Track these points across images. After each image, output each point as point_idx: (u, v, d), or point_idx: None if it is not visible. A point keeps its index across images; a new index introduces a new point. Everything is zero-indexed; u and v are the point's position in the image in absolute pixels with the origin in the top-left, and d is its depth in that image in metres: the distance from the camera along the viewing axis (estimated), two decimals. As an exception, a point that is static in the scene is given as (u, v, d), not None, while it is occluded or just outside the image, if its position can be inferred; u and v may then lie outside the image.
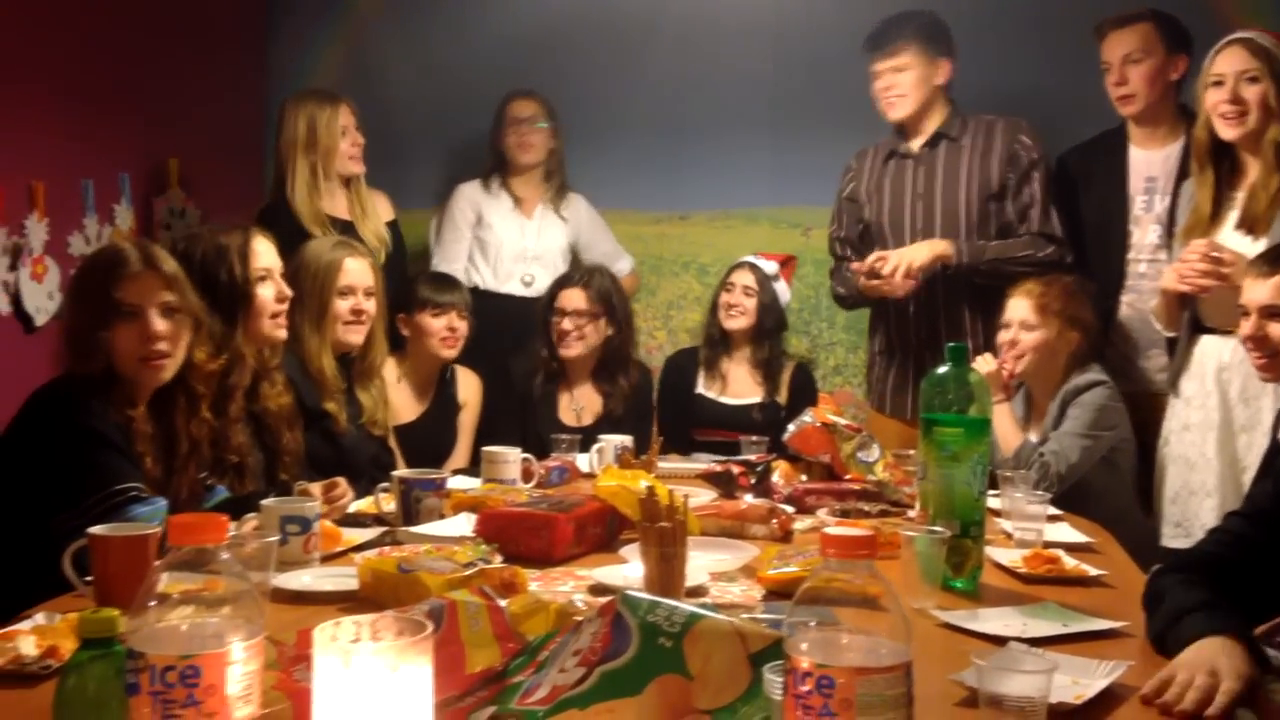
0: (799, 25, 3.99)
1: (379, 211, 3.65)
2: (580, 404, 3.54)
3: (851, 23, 3.52)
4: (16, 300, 3.13)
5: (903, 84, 3.28)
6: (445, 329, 3.35)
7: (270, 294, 2.57)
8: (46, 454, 1.96)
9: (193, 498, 2.18)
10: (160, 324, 2.08)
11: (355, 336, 2.97)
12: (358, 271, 2.96)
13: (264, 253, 2.58)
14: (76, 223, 3.36)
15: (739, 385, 3.59)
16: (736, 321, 3.55)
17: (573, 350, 3.47)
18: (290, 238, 3.05)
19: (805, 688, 0.93)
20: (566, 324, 3.46)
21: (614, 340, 3.52)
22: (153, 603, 0.98)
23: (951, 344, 1.88)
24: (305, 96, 3.58)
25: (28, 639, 1.38)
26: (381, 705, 0.89)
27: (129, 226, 3.56)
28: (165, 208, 3.75)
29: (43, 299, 3.20)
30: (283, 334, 2.63)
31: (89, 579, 1.61)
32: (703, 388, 3.61)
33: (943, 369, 1.85)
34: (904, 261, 3.17)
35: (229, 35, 4.11)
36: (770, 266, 3.62)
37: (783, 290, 3.65)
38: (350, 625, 0.93)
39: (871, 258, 3.22)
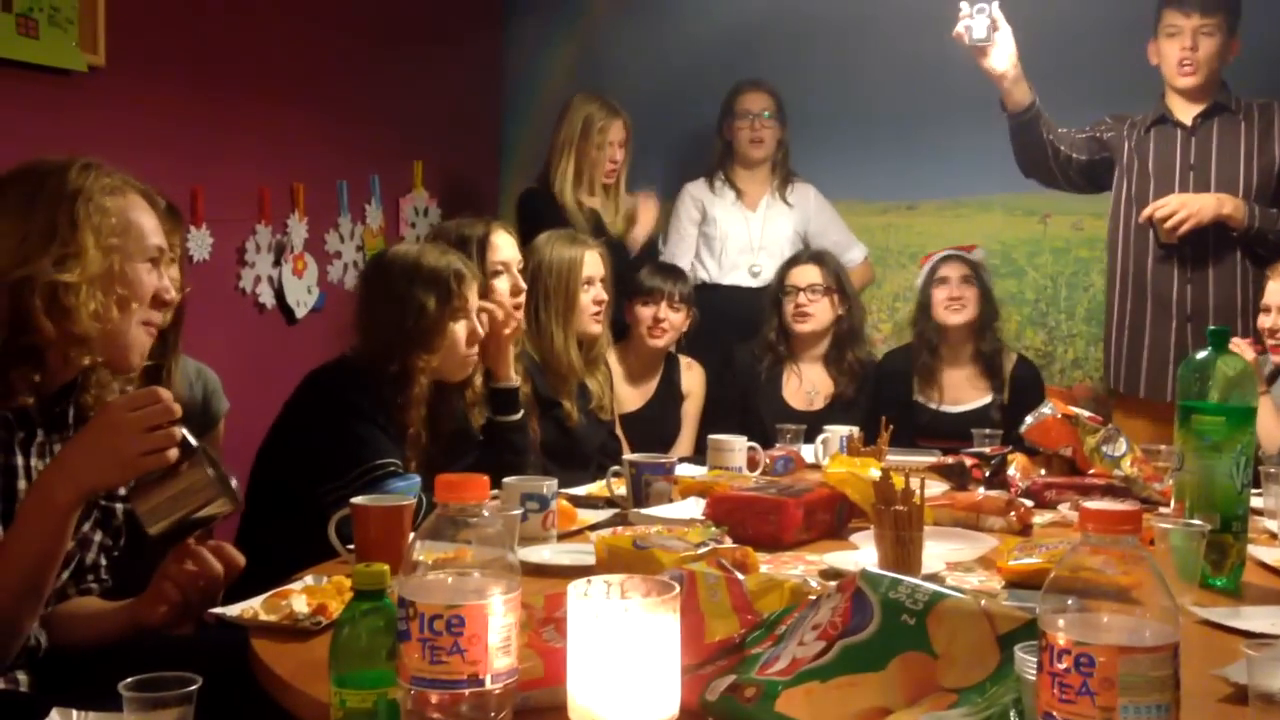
0: (1034, 7, 3.83)
1: (636, 215, 3.76)
2: (812, 388, 3.51)
3: (1093, 2, 3.36)
4: (280, 294, 3.38)
5: (1204, 49, 3.11)
6: (651, 318, 3.38)
7: (506, 287, 2.67)
8: (320, 428, 2.12)
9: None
10: (480, 327, 2.32)
11: (597, 326, 3.06)
12: (595, 262, 3.05)
13: (503, 246, 2.68)
14: (332, 222, 3.61)
15: (958, 390, 3.41)
16: (960, 315, 3.35)
17: (806, 325, 3.44)
18: (548, 221, 3.21)
19: (1063, 665, 0.89)
20: (801, 299, 3.44)
21: (844, 321, 3.48)
22: (419, 560, 1.04)
23: (1213, 328, 1.77)
24: (591, 99, 3.73)
25: (300, 598, 1.49)
26: (632, 658, 0.92)
27: (379, 225, 3.79)
28: (410, 207, 3.97)
29: (303, 293, 3.45)
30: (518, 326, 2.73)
31: (350, 546, 1.73)
32: (919, 395, 3.44)
33: (1202, 354, 1.74)
34: (1185, 212, 3.01)
35: (467, 42, 4.31)
36: (979, 253, 3.49)
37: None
38: (601, 583, 0.97)
39: (1154, 205, 3.07)
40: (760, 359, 3.53)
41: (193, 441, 1.50)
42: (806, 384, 3.51)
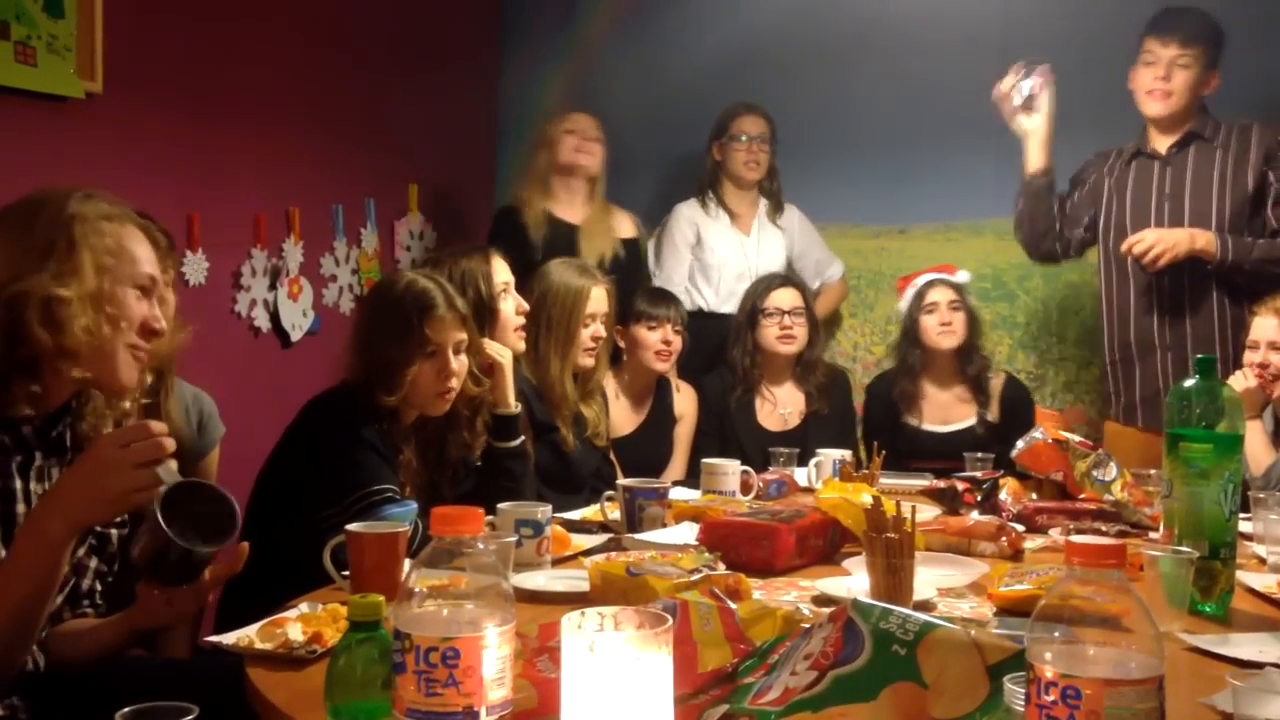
0: (1027, 33, 3.87)
1: (614, 227, 3.76)
2: (786, 407, 3.54)
3: (1082, 29, 3.40)
4: (275, 318, 3.39)
5: (1177, 81, 3.14)
6: (660, 342, 3.41)
7: (511, 308, 2.72)
8: (319, 454, 2.13)
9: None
10: (455, 364, 2.26)
11: (590, 360, 3.07)
12: (601, 299, 3.07)
13: (501, 269, 2.74)
14: (327, 245, 3.62)
15: (945, 410, 3.47)
16: (950, 340, 3.42)
17: (792, 346, 3.50)
18: (514, 234, 3.27)
19: (1050, 698, 0.91)
20: (787, 320, 3.49)
21: (814, 338, 3.57)
22: (415, 589, 1.05)
23: (1200, 356, 1.79)
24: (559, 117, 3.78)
25: (295, 626, 1.50)
26: (624, 691, 0.93)
27: (374, 249, 3.80)
28: (405, 230, 3.98)
29: (298, 316, 3.46)
30: (522, 345, 2.76)
31: (345, 573, 1.73)
32: (907, 417, 3.50)
33: (1190, 382, 1.76)
34: (1161, 247, 3.04)
35: (464, 65, 4.33)
36: (963, 276, 3.55)
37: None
38: (595, 615, 0.98)
39: (1130, 240, 3.11)
40: (734, 386, 3.55)
41: (179, 478, 1.49)
42: (780, 405, 3.54)
